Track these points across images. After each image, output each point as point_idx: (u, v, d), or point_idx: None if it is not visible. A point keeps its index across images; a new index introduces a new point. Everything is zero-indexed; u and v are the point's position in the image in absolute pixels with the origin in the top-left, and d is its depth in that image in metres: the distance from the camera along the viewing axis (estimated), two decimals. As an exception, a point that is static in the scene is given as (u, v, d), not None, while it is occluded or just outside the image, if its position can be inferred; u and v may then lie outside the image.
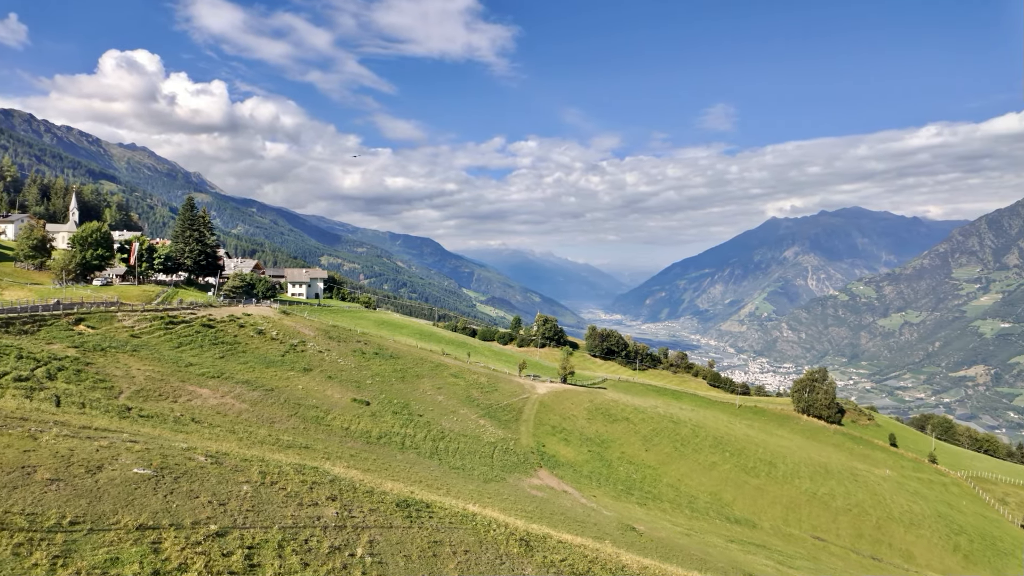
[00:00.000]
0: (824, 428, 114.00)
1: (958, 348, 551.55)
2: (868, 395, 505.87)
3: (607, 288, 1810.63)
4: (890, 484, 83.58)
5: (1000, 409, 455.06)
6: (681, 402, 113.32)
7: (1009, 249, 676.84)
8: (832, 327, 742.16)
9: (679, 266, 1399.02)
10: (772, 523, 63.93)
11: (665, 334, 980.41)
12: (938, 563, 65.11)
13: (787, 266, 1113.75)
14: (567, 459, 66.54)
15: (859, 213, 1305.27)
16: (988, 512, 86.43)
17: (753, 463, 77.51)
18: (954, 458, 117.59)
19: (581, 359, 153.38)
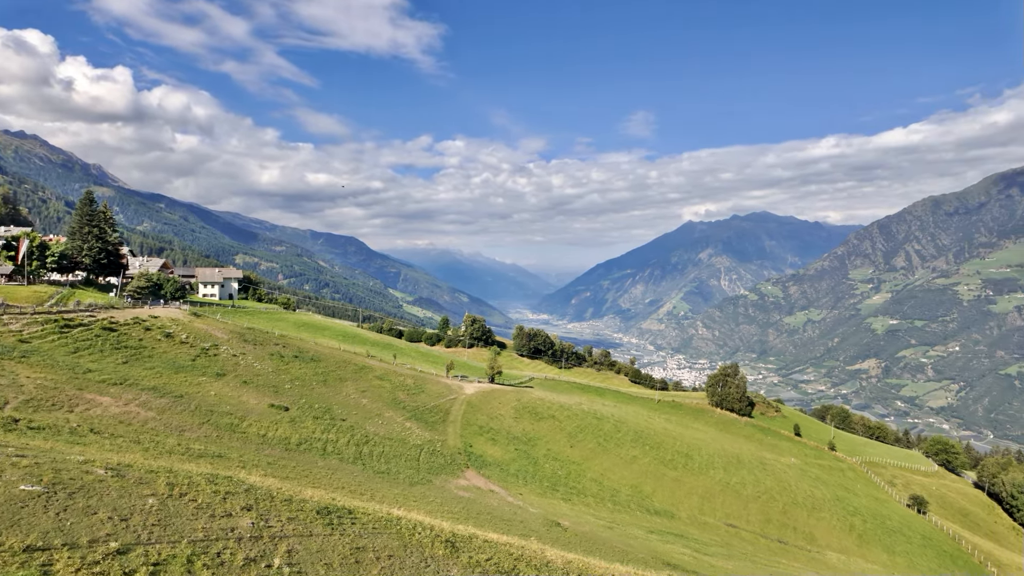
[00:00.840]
0: (736, 420, 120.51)
1: (854, 343, 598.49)
2: (775, 388, 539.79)
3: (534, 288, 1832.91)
4: (795, 471, 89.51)
5: (889, 399, 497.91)
6: (604, 399, 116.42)
7: (897, 252, 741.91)
8: (743, 325, 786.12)
9: (603, 267, 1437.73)
10: (689, 513, 66.90)
11: (590, 333, 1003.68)
12: (837, 543, 70.39)
13: (702, 267, 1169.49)
14: (494, 458, 66.80)
15: (767, 217, 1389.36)
16: (879, 494, 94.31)
17: (671, 456, 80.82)
18: (850, 445, 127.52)
19: (509, 359, 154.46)
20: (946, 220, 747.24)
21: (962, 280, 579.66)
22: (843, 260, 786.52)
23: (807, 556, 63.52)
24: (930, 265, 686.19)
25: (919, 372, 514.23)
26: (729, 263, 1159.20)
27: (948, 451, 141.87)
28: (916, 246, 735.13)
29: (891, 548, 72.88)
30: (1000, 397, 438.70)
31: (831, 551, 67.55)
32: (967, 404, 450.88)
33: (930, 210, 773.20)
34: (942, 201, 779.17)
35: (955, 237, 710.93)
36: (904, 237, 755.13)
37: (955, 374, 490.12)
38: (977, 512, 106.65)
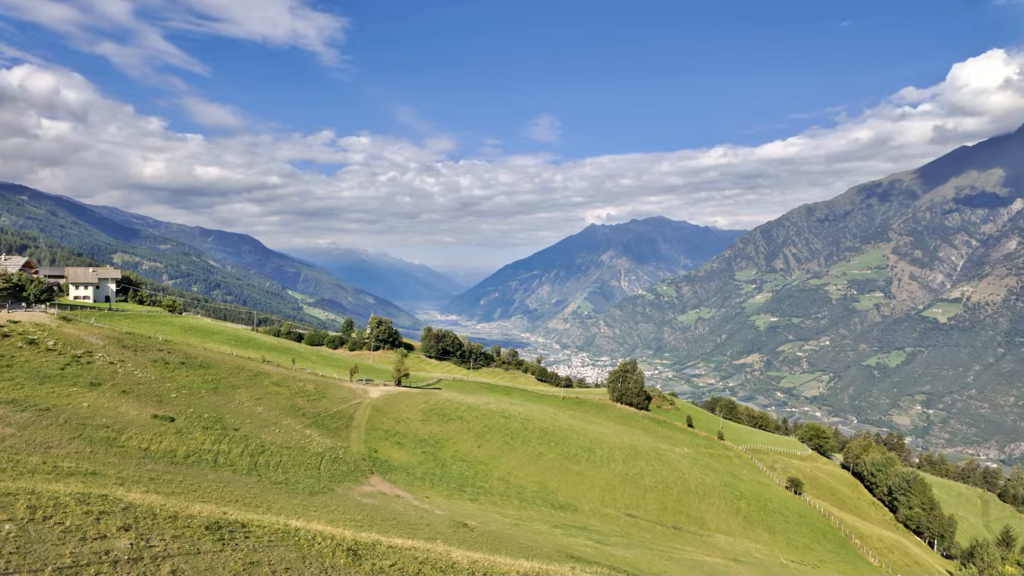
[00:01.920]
0: (635, 414, 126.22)
1: (739, 339, 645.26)
2: (670, 382, 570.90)
3: (443, 289, 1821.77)
4: (688, 461, 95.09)
5: (770, 390, 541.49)
6: (512, 397, 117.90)
7: (777, 255, 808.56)
8: (641, 323, 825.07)
9: (511, 268, 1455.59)
10: (592, 505, 69.22)
11: (498, 333, 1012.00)
12: (725, 526, 75.56)
13: (604, 268, 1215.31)
14: (401, 462, 65.72)
15: (663, 222, 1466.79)
16: (761, 478, 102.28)
17: (575, 451, 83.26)
18: (736, 434, 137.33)
19: (417, 360, 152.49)
20: (818, 226, 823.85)
21: (831, 281, 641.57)
22: (730, 262, 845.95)
23: (699, 540, 67.72)
24: (805, 267, 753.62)
25: (796, 365, 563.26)
26: (629, 265, 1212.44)
27: (820, 436, 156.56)
28: (793, 249, 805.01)
29: (772, 528, 79.29)
30: (863, 386, 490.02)
31: (720, 534, 72.42)
32: (836, 393, 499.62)
33: (804, 217, 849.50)
34: (814, 209, 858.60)
35: (826, 241, 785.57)
36: (783, 241, 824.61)
37: (826, 366, 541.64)
38: (843, 490, 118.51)
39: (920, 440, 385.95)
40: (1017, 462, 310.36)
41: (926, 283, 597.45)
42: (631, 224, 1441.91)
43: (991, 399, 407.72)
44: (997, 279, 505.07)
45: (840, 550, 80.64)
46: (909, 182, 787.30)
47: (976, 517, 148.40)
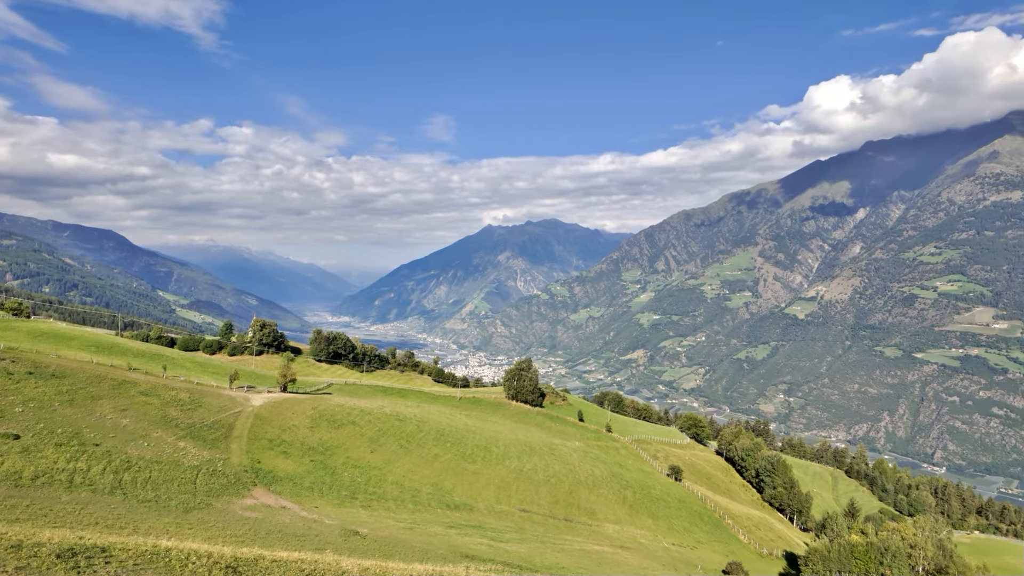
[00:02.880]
0: (529, 411, 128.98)
1: (626, 336, 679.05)
2: (563, 379, 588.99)
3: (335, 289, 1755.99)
4: (579, 454, 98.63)
5: (654, 383, 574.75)
6: (407, 400, 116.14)
7: (659, 257, 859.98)
8: (536, 322, 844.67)
9: (407, 268, 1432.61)
10: (487, 503, 69.86)
11: (394, 334, 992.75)
12: (612, 515, 79.20)
13: (501, 269, 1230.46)
14: (287, 472, 62.63)
15: (556, 224, 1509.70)
16: (645, 467, 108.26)
17: (471, 450, 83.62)
18: (623, 426, 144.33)
19: (305, 365, 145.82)
20: (695, 231, 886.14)
21: (706, 281, 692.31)
22: (617, 264, 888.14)
23: (589, 530, 70.51)
24: (683, 268, 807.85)
25: (675, 359, 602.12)
26: (524, 265, 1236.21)
27: (697, 426, 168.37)
28: (673, 252, 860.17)
29: (655, 514, 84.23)
30: (734, 377, 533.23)
31: (608, 522, 75.84)
32: (711, 384, 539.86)
33: (683, 222, 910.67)
34: (692, 215, 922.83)
35: (702, 245, 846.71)
36: (664, 244, 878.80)
37: (702, 360, 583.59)
38: (718, 475, 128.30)
39: (783, 425, 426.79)
40: (860, 442, 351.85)
41: (787, 283, 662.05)
42: (527, 226, 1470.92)
43: (840, 387, 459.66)
44: (845, 280, 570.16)
45: (715, 530, 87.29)
46: (773, 191, 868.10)
47: (828, 492, 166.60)
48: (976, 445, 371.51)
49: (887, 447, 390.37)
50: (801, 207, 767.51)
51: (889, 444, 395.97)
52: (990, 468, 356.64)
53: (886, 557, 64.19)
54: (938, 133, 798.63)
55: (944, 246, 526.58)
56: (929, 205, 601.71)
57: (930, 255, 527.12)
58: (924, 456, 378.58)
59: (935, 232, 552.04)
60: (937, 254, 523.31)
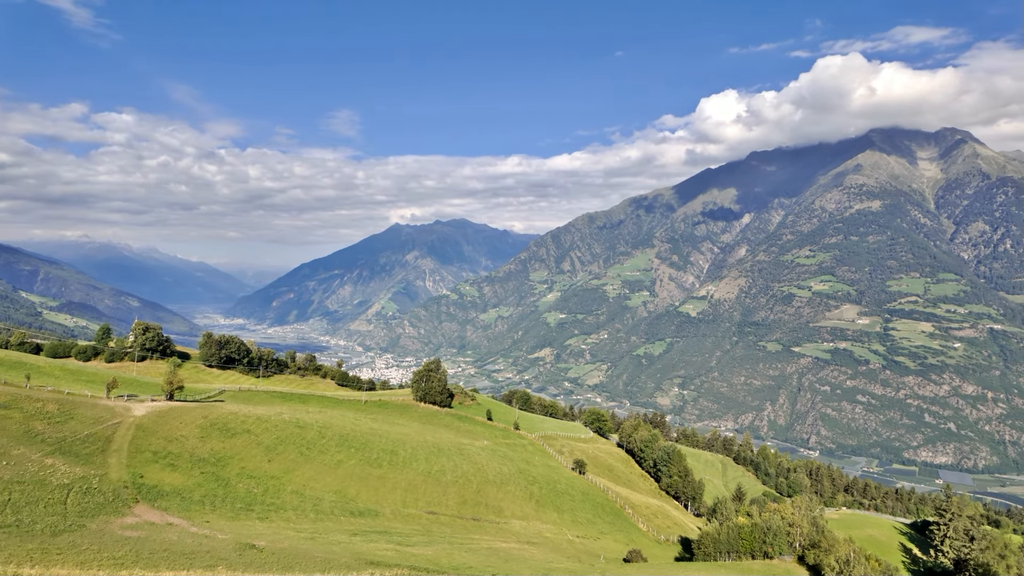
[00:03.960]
0: (438, 412, 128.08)
1: (534, 335, 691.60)
2: (473, 379, 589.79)
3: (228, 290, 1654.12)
4: (487, 453, 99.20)
5: (560, 380, 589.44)
6: (308, 405, 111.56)
7: (564, 258, 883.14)
8: (445, 323, 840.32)
9: (308, 267, 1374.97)
10: (393, 508, 68.58)
11: (294, 337, 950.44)
12: (520, 511, 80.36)
13: (409, 268, 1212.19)
14: (174, 486, 58.22)
15: (466, 224, 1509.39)
16: (551, 462, 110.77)
17: (377, 454, 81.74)
18: (531, 423, 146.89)
19: (194, 371, 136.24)
20: (598, 233, 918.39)
21: (608, 281, 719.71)
22: (525, 264, 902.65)
23: (496, 528, 71.11)
24: (587, 269, 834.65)
25: (580, 356, 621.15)
26: (433, 265, 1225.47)
27: (600, 420, 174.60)
28: (578, 253, 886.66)
29: (560, 507, 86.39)
30: (634, 373, 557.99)
31: (516, 519, 76.87)
32: (612, 380, 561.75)
33: (587, 224, 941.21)
34: (595, 217, 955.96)
35: (604, 246, 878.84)
36: (569, 246, 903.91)
37: (604, 356, 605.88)
38: (619, 466, 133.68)
39: (678, 417, 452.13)
40: (746, 430, 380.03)
41: (681, 283, 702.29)
42: (435, 225, 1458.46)
43: (728, 379, 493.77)
44: (732, 280, 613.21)
45: (616, 520, 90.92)
46: (668, 197, 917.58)
47: (718, 479, 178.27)
48: (844, 430, 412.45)
49: (770, 434, 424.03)
50: (693, 212, 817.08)
51: (771, 431, 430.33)
52: (855, 450, 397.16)
53: (768, 536, 69.73)
54: (812, 146, 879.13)
55: (817, 249, 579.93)
56: (804, 212, 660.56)
57: (805, 258, 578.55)
58: (801, 441, 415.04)
59: (810, 237, 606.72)
60: (811, 257, 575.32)
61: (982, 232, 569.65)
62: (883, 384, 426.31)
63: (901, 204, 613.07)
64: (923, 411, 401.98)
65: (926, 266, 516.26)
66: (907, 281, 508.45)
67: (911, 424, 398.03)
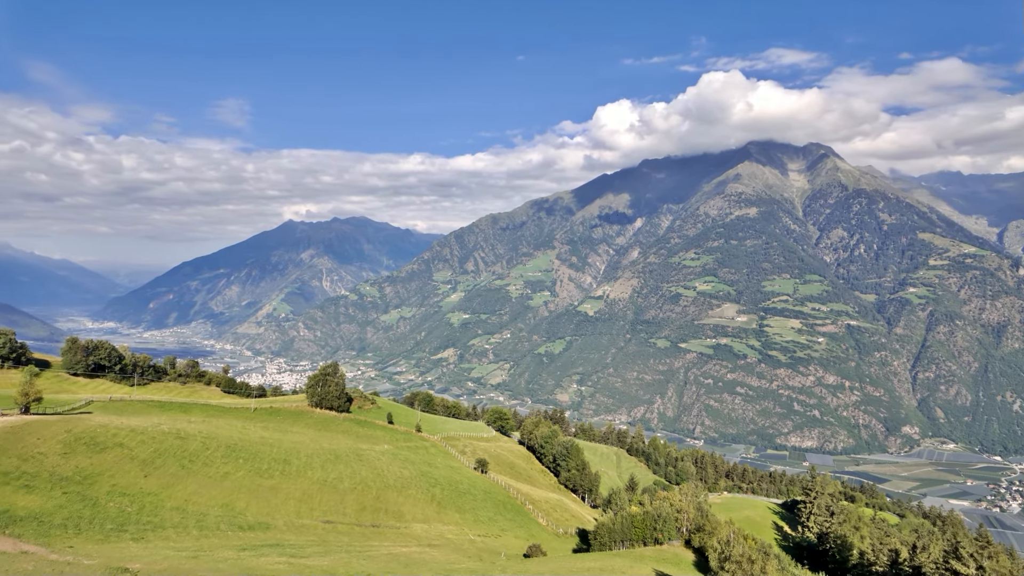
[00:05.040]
0: (335, 418, 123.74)
1: (437, 336, 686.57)
2: (373, 382, 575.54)
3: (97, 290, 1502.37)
4: (388, 457, 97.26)
5: (463, 381, 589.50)
6: (191, 415, 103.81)
7: (468, 258, 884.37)
8: (344, 324, 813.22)
9: (191, 265, 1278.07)
10: (286, 519, 65.48)
11: (174, 341, 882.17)
12: (421, 514, 79.51)
13: (304, 268, 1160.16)
14: (31, 510, 52.03)
15: (366, 222, 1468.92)
16: (453, 463, 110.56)
17: (268, 464, 77.67)
18: (433, 424, 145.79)
19: (56, 380, 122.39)
20: (501, 234, 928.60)
21: (511, 282, 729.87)
22: (429, 264, 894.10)
23: (397, 533, 69.94)
24: (491, 269, 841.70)
25: (483, 356, 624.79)
26: (331, 264, 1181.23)
27: (502, 419, 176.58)
28: (482, 254, 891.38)
29: (462, 508, 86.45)
30: (535, 371, 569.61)
31: (417, 522, 75.99)
32: (515, 379, 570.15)
33: (490, 225, 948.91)
34: (498, 219, 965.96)
35: (507, 247, 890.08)
36: (473, 246, 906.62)
37: (507, 356, 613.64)
38: (520, 463, 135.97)
39: (576, 412, 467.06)
40: (639, 423, 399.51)
41: (580, 284, 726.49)
42: (333, 223, 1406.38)
43: (622, 375, 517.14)
44: (626, 280, 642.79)
45: (518, 517, 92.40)
46: (568, 200, 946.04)
47: (613, 470, 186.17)
48: (725, 419, 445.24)
49: (660, 426, 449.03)
50: (591, 215, 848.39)
51: (661, 423, 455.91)
52: (735, 438, 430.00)
53: (658, 523, 73.85)
54: (697, 156, 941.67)
55: (701, 252, 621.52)
56: (690, 217, 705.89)
57: (691, 260, 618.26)
58: (687, 431, 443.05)
59: (695, 240, 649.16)
60: (696, 259, 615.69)
61: (841, 238, 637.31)
62: (759, 376, 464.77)
63: (774, 211, 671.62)
64: (792, 400, 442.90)
65: (795, 268, 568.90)
66: (779, 282, 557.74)
67: (782, 412, 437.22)
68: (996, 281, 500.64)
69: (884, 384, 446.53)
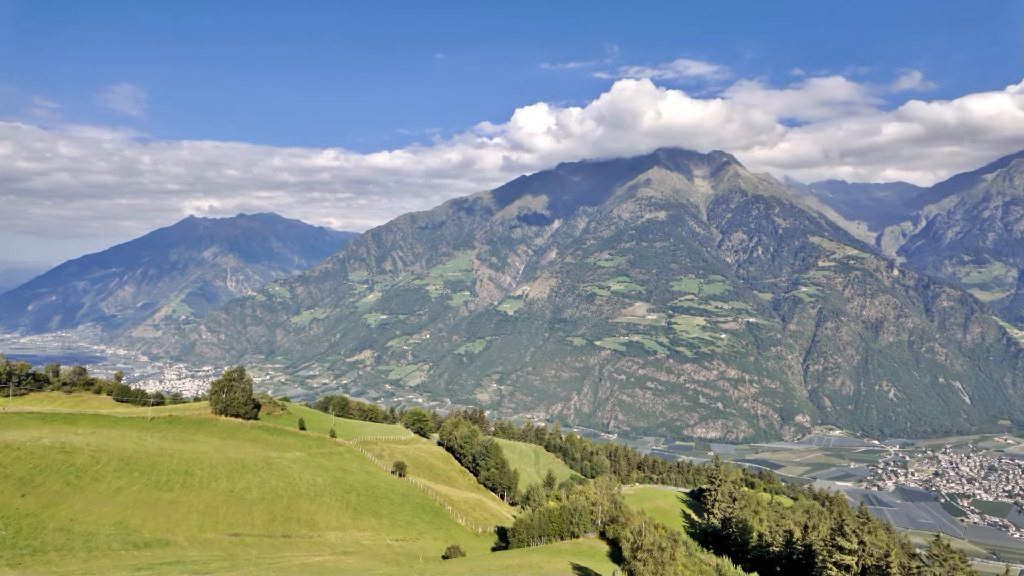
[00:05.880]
0: (242, 425, 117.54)
1: (353, 337, 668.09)
2: (283, 387, 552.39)
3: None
4: (299, 464, 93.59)
5: (380, 383, 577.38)
6: (78, 427, 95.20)
7: (386, 257, 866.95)
8: (251, 326, 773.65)
9: (78, 263, 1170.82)
10: (188, 534, 61.57)
11: (58, 347, 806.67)
12: (336, 522, 77.14)
13: (206, 267, 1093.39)
14: None
15: (275, 219, 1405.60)
16: (370, 468, 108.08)
17: (167, 477, 72.67)
18: (349, 429, 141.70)
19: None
20: (420, 233, 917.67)
21: (431, 282, 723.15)
22: (344, 263, 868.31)
23: (310, 542, 67.49)
24: (410, 269, 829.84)
25: (402, 358, 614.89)
26: (236, 263, 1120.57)
27: (421, 420, 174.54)
28: (400, 253, 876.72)
29: (379, 513, 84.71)
30: (455, 371, 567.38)
31: (331, 530, 73.68)
32: (434, 379, 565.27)
33: (409, 224, 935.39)
34: (417, 217, 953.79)
35: (427, 247, 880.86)
36: (391, 245, 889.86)
37: (426, 356, 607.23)
38: (439, 465, 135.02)
39: (496, 411, 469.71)
40: (556, 419, 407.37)
41: (499, 284, 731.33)
42: (239, 219, 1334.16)
43: (541, 373, 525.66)
44: (544, 280, 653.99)
45: (436, 518, 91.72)
46: (487, 201, 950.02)
47: (532, 467, 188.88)
48: (637, 413, 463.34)
49: (576, 422, 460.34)
50: (510, 216, 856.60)
51: (577, 419, 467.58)
52: (646, 431, 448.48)
53: (575, 516, 75.76)
54: (611, 160, 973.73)
55: (615, 253, 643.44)
56: (605, 219, 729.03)
57: (605, 260, 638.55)
58: (602, 426, 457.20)
59: (608, 242, 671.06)
60: (610, 260, 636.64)
61: (741, 241, 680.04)
62: (667, 371, 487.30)
63: (681, 215, 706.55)
64: (698, 393, 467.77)
65: (700, 269, 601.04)
66: (685, 282, 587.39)
67: (689, 405, 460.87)
68: (875, 281, 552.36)
69: (780, 377, 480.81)
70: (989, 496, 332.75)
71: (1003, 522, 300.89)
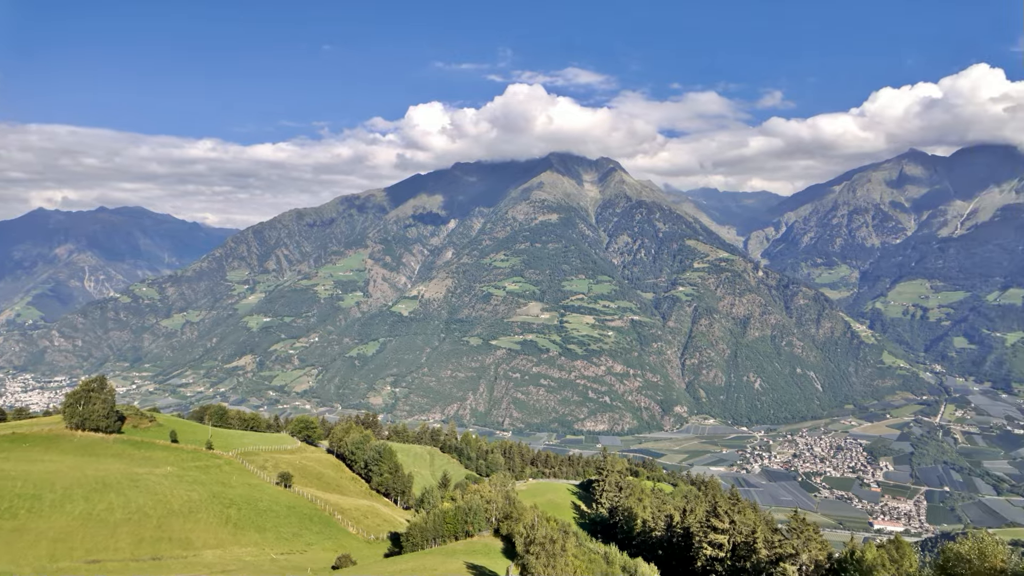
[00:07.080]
0: (103, 440, 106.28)
1: (232, 342, 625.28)
2: (152, 396, 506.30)
3: None
4: (171, 480, 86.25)
5: (263, 390, 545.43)
6: None
7: (269, 256, 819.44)
8: (113, 331, 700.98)
9: None
10: (37, 564, 54.73)
11: None
12: (214, 539, 71.93)
13: (59, 265, 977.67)
14: None
15: (142, 213, 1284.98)
16: (252, 480, 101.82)
17: (10, 502, 64.18)
18: (228, 440, 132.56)
19: None
20: (308, 230, 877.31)
21: (320, 281, 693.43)
22: (221, 262, 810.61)
23: (184, 563, 62.43)
24: (296, 268, 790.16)
25: (287, 362, 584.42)
26: (96, 261, 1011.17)
27: (308, 428, 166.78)
28: (285, 251, 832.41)
29: (262, 527, 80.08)
30: (346, 375, 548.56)
31: (208, 549, 68.61)
32: (323, 384, 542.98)
33: (295, 221, 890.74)
34: (305, 214, 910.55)
35: (315, 245, 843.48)
36: (275, 243, 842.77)
37: (315, 360, 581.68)
38: (328, 473, 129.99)
39: (390, 415, 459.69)
40: (452, 420, 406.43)
41: (394, 284, 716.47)
42: (99, 213, 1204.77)
43: (436, 374, 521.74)
44: (440, 281, 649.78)
45: (325, 528, 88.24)
46: (381, 199, 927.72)
47: (427, 469, 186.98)
48: (531, 410, 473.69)
49: (472, 421, 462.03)
50: (405, 215, 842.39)
51: (473, 419, 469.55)
52: (539, 427, 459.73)
53: (469, 515, 76.12)
54: (506, 162, 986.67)
55: (510, 254, 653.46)
56: (500, 221, 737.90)
57: (501, 261, 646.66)
58: (497, 424, 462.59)
59: (504, 243, 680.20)
60: (505, 260, 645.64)
61: (626, 243, 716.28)
62: (559, 368, 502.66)
63: (572, 218, 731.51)
64: (588, 389, 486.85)
65: (589, 269, 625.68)
66: (576, 282, 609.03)
67: (579, 400, 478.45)
68: (743, 281, 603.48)
69: (660, 371, 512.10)
70: (837, 472, 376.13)
71: (847, 495, 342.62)
